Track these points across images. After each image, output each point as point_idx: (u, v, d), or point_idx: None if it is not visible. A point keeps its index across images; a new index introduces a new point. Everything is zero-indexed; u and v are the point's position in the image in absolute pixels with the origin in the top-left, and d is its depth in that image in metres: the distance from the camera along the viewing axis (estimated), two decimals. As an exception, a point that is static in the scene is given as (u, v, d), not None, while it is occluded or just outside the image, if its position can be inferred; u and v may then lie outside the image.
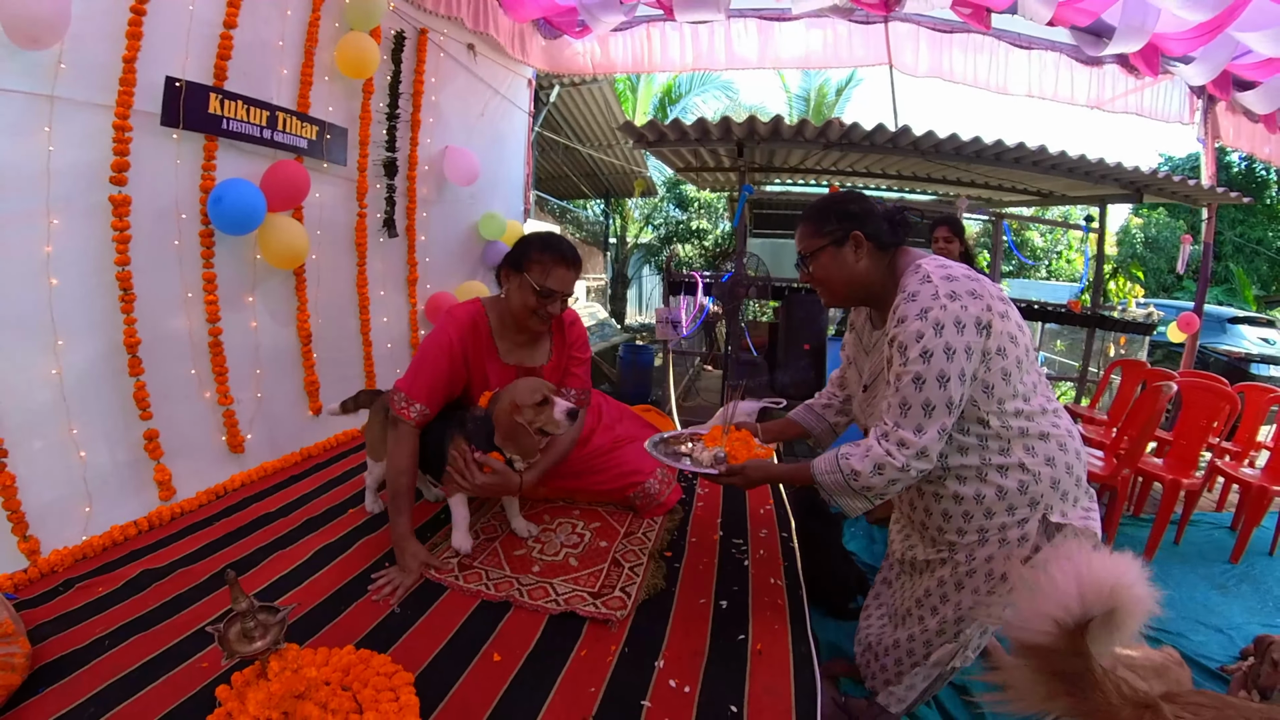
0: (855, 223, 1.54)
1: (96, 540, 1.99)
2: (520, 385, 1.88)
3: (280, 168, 2.58)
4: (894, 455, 1.37)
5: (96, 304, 2.13)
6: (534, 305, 1.93)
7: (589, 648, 1.53)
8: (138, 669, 1.41)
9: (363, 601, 1.69)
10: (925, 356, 1.34)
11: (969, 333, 1.34)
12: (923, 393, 1.34)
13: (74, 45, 1.98)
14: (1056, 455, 1.46)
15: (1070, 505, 1.48)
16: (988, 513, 1.47)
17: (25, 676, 1.35)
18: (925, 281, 1.40)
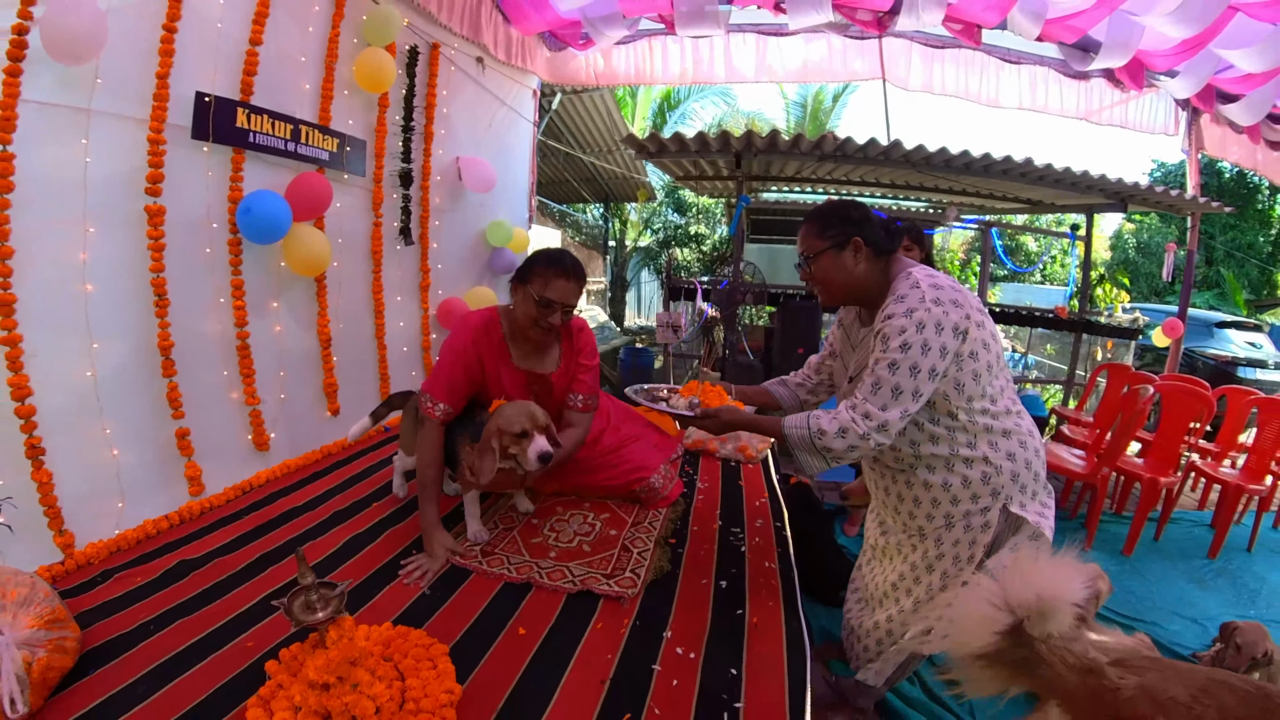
0: (856, 229, 1.67)
1: (130, 534, 2.06)
2: (511, 410, 1.95)
3: (304, 179, 2.70)
4: (858, 423, 1.52)
5: (129, 309, 2.22)
6: (535, 315, 2.05)
7: (604, 622, 1.68)
8: (185, 649, 1.50)
9: (394, 585, 1.82)
10: (904, 348, 1.49)
11: (946, 335, 1.49)
12: (895, 378, 1.50)
13: (109, 61, 2.06)
14: (1017, 451, 1.62)
15: (1029, 498, 1.64)
16: (954, 500, 1.63)
17: (76, 659, 1.43)
18: (915, 287, 1.55)
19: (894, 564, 1.83)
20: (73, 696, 1.35)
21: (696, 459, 3.06)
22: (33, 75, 1.89)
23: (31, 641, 1.34)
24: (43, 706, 1.31)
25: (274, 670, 1.37)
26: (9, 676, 1.25)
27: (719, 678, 1.48)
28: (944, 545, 1.68)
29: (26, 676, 1.29)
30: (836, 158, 4.55)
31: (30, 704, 1.27)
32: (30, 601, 1.42)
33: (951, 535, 1.66)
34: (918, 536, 1.74)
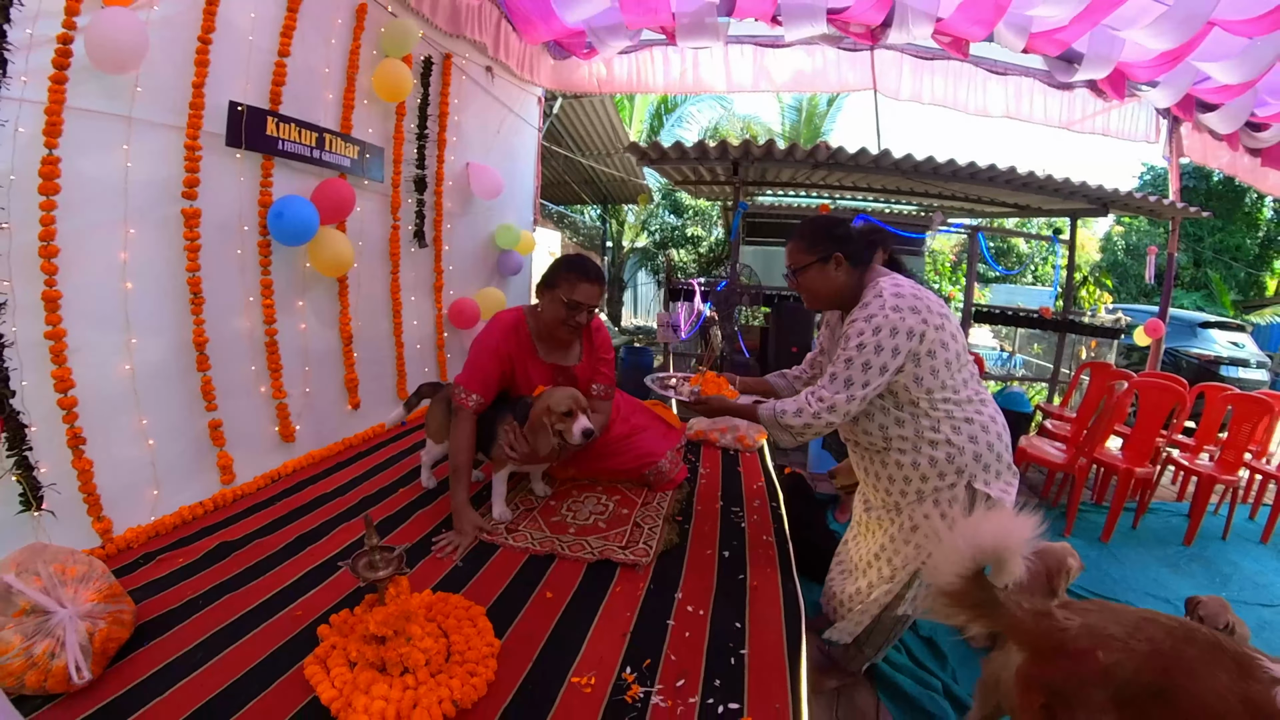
0: (838, 245, 1.88)
1: (167, 519, 2.18)
2: (559, 393, 2.24)
3: (329, 185, 2.85)
4: (810, 404, 1.79)
5: (166, 306, 2.33)
6: (563, 316, 2.31)
7: (622, 585, 1.90)
8: (236, 620, 1.63)
9: (428, 560, 2.00)
10: (860, 347, 1.73)
11: (900, 338, 1.71)
12: (848, 370, 1.74)
13: (148, 71, 2.15)
14: (979, 435, 1.81)
15: (993, 477, 1.84)
16: (923, 478, 1.84)
17: (132, 631, 1.54)
18: (878, 296, 1.77)
19: (876, 537, 2.02)
20: (132, 665, 1.46)
21: (698, 448, 3.27)
22: (77, 84, 1.98)
23: (92, 614, 1.45)
24: (103, 674, 1.42)
25: (326, 633, 1.52)
26: (74, 647, 1.36)
27: (725, 629, 1.69)
28: (917, 518, 1.87)
29: (90, 646, 1.40)
30: (829, 165, 4.72)
31: (93, 672, 1.38)
32: (88, 578, 1.53)
33: (923, 509, 1.86)
34: (894, 511, 1.94)
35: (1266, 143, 5.41)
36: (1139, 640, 1.45)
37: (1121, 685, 1.42)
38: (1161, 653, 1.42)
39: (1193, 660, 1.40)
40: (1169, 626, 1.47)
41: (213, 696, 1.37)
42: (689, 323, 5.36)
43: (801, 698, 1.44)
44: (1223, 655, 1.39)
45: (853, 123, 32.82)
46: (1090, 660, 1.44)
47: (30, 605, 1.38)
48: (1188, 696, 1.37)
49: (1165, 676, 1.40)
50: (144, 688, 1.39)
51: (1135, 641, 1.45)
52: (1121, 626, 1.48)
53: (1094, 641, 1.46)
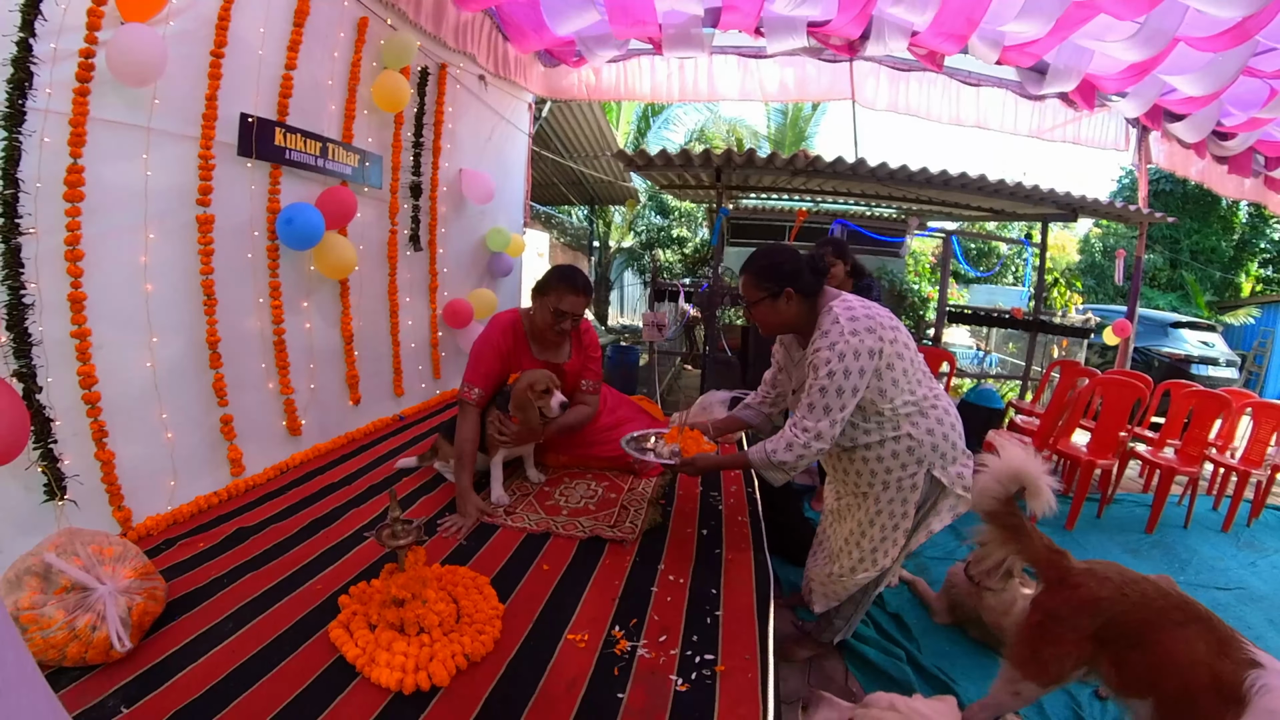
0: (788, 281, 1.99)
1: (185, 508, 2.31)
2: (535, 374, 2.52)
3: (333, 192, 3.00)
4: (799, 437, 1.91)
5: (184, 307, 2.46)
6: (551, 322, 2.58)
7: (611, 558, 2.12)
8: (261, 595, 1.78)
9: (435, 539, 2.18)
10: (830, 375, 1.86)
11: (863, 359, 1.85)
12: (824, 399, 1.87)
13: (165, 84, 2.26)
14: (935, 427, 2.00)
15: (950, 463, 2.03)
16: (888, 469, 2.02)
17: (164, 606, 1.67)
18: (835, 323, 1.90)
19: (846, 523, 2.21)
20: (166, 636, 1.60)
21: None
22: (99, 96, 2.09)
23: (130, 590, 1.58)
24: (139, 645, 1.55)
25: (347, 602, 1.68)
26: (114, 619, 1.49)
27: (703, 594, 1.91)
28: (881, 503, 2.06)
29: (129, 619, 1.53)
30: (809, 173, 4.91)
31: (131, 642, 1.51)
32: (125, 558, 1.67)
33: (887, 495, 2.05)
34: (861, 498, 2.12)
35: (1233, 151, 5.65)
36: (1132, 591, 1.68)
37: (1107, 622, 1.67)
38: (1150, 608, 1.63)
39: (1176, 625, 1.58)
40: (1165, 591, 1.68)
41: (246, 659, 1.52)
42: (673, 322, 5.55)
43: (769, 650, 1.63)
44: (1207, 630, 1.55)
45: (837, 127, 33.22)
46: (1083, 591, 1.71)
47: (71, 583, 1.50)
48: (1162, 653, 1.56)
49: (1147, 630, 1.60)
50: (180, 655, 1.53)
51: (1129, 590, 1.68)
52: (1122, 577, 1.73)
53: (1092, 580, 1.73)
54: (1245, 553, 4.05)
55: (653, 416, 3.13)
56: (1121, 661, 1.65)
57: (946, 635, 2.73)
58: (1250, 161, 5.92)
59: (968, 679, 2.41)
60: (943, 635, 2.73)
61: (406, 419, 3.65)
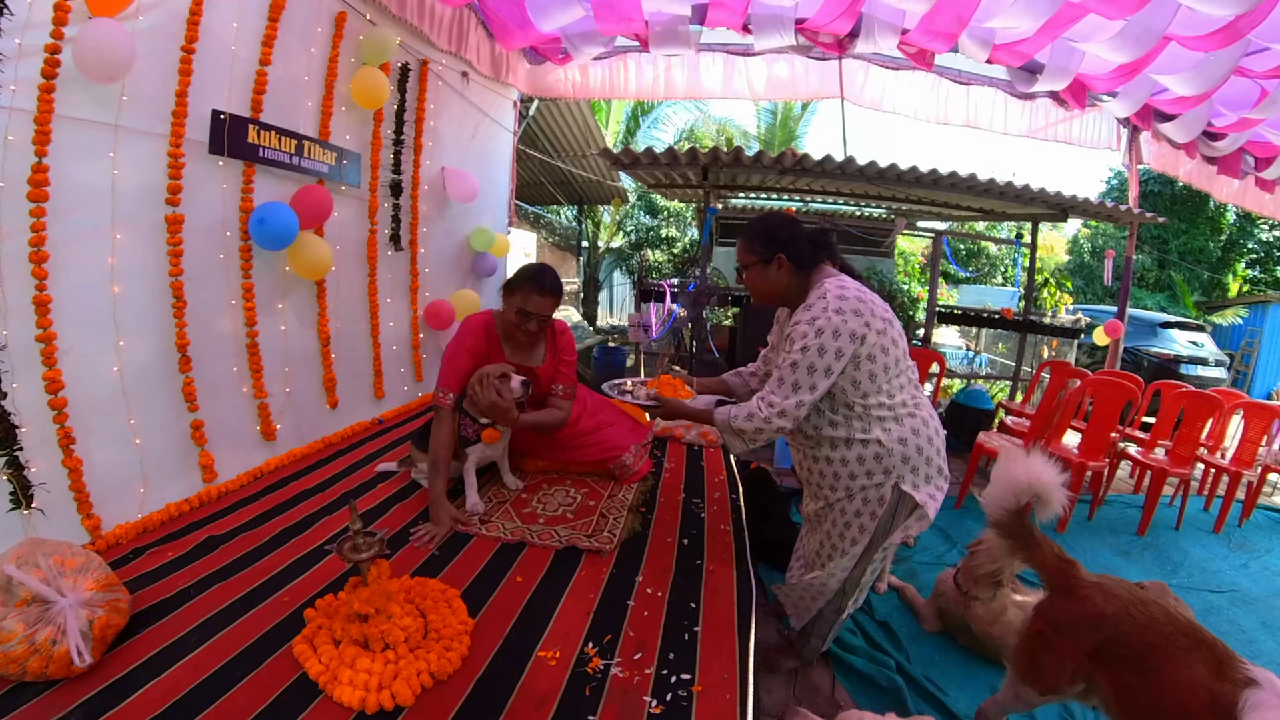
0: (780, 247, 1.93)
1: (155, 515, 2.25)
2: (490, 366, 2.45)
3: (307, 191, 2.93)
4: (760, 409, 1.81)
5: (153, 309, 2.39)
6: (516, 321, 2.49)
7: (587, 570, 2.04)
8: (227, 607, 1.73)
9: (407, 548, 2.12)
10: (804, 350, 1.76)
11: (842, 340, 1.74)
12: (794, 374, 1.77)
13: (134, 80, 2.20)
14: (909, 438, 1.86)
15: (922, 480, 1.88)
16: (851, 475, 1.90)
17: (128, 619, 1.62)
18: (821, 299, 1.80)
19: (816, 535, 2.10)
20: (130, 650, 1.56)
21: (664, 444, 3.42)
22: (66, 93, 2.03)
23: (92, 602, 1.53)
24: (102, 659, 1.50)
25: (312, 616, 1.63)
26: (74, 633, 1.44)
27: (681, 609, 1.84)
28: (847, 515, 1.95)
29: (90, 633, 1.48)
30: (797, 171, 4.87)
31: (93, 656, 1.46)
32: (87, 569, 1.62)
33: (852, 506, 1.93)
34: (827, 507, 2.00)
35: (1222, 152, 5.63)
36: (1139, 611, 1.63)
37: (1108, 640, 1.63)
38: (1156, 631, 1.58)
39: (1180, 648, 1.53)
40: (1173, 616, 1.62)
41: (209, 675, 1.47)
42: (660, 323, 5.49)
43: (749, 669, 1.57)
44: (1208, 652, 1.52)
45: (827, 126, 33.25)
46: (1087, 605, 1.67)
47: (32, 595, 1.46)
48: (1163, 678, 1.52)
49: (1151, 655, 1.56)
50: (143, 670, 1.48)
51: (1135, 610, 1.63)
52: (1131, 596, 1.68)
53: (1099, 595, 1.69)
54: (1237, 554, 4.04)
55: (635, 420, 3.06)
56: (1120, 685, 1.61)
57: (935, 643, 2.68)
58: (1240, 162, 5.90)
59: (957, 688, 2.37)
60: (931, 643, 2.68)
61: (386, 422, 3.58)
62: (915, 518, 1.94)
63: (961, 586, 2.62)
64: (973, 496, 4.36)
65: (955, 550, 3.56)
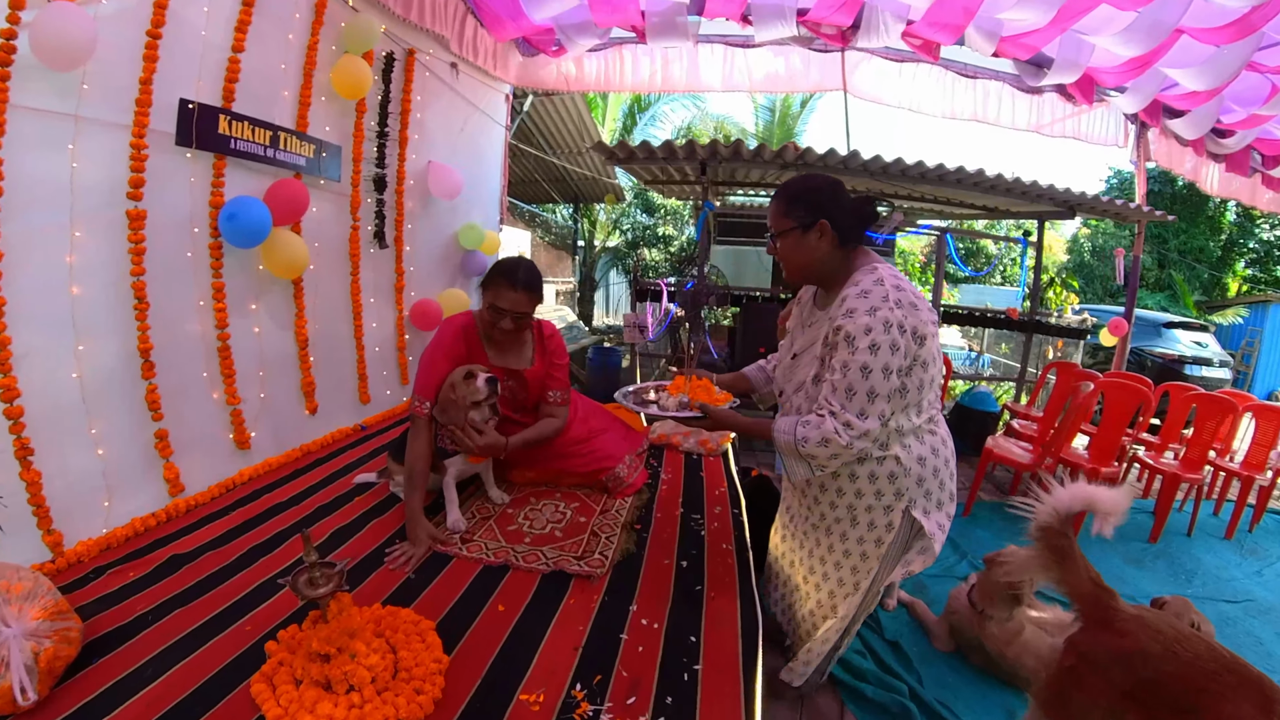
0: (823, 213, 1.65)
1: (119, 531, 2.12)
2: (456, 371, 2.28)
3: (283, 185, 2.77)
4: (840, 434, 1.53)
5: (115, 311, 2.25)
6: (490, 320, 2.34)
7: (576, 597, 1.85)
8: (185, 636, 1.59)
9: (381, 571, 1.95)
10: (873, 349, 1.50)
11: (908, 338, 1.52)
12: (869, 381, 1.51)
13: (96, 67, 2.08)
14: (928, 458, 1.68)
15: (934, 506, 1.70)
16: (858, 493, 1.71)
17: (80, 649, 1.49)
18: (879, 284, 1.56)
19: (801, 558, 1.92)
20: (80, 684, 1.42)
21: (661, 452, 3.23)
22: (21, 81, 1.91)
23: (38, 633, 1.40)
24: (50, 694, 1.37)
25: (274, 649, 1.47)
26: (18, 667, 1.32)
27: (679, 644, 1.65)
28: (848, 542, 1.76)
29: (35, 666, 1.35)
30: (798, 166, 4.72)
31: (39, 692, 1.33)
32: (34, 595, 1.49)
33: (855, 532, 1.74)
34: (822, 531, 1.80)
35: (1231, 149, 5.54)
36: (1184, 649, 1.48)
37: (1146, 681, 1.47)
38: (1200, 670, 1.44)
39: (1226, 687, 1.40)
40: (1218, 651, 1.48)
41: (160, 716, 1.33)
42: (656, 323, 5.34)
43: (755, 713, 1.41)
44: (1255, 690, 1.40)
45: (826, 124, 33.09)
46: (1128, 641, 1.52)
47: (-29, 626, 1.32)
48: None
49: (1195, 695, 1.42)
50: (92, 707, 1.36)
51: (1180, 648, 1.48)
52: (1175, 632, 1.52)
53: (1139, 629, 1.53)
54: (1249, 561, 3.93)
55: (629, 426, 2.89)
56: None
57: (948, 663, 2.54)
58: (1248, 160, 5.81)
59: (971, 712, 2.24)
60: (944, 663, 2.54)
61: (369, 429, 3.42)
62: (918, 550, 1.75)
63: (977, 604, 2.49)
64: (983, 504, 4.24)
65: (966, 562, 3.42)
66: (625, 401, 2.04)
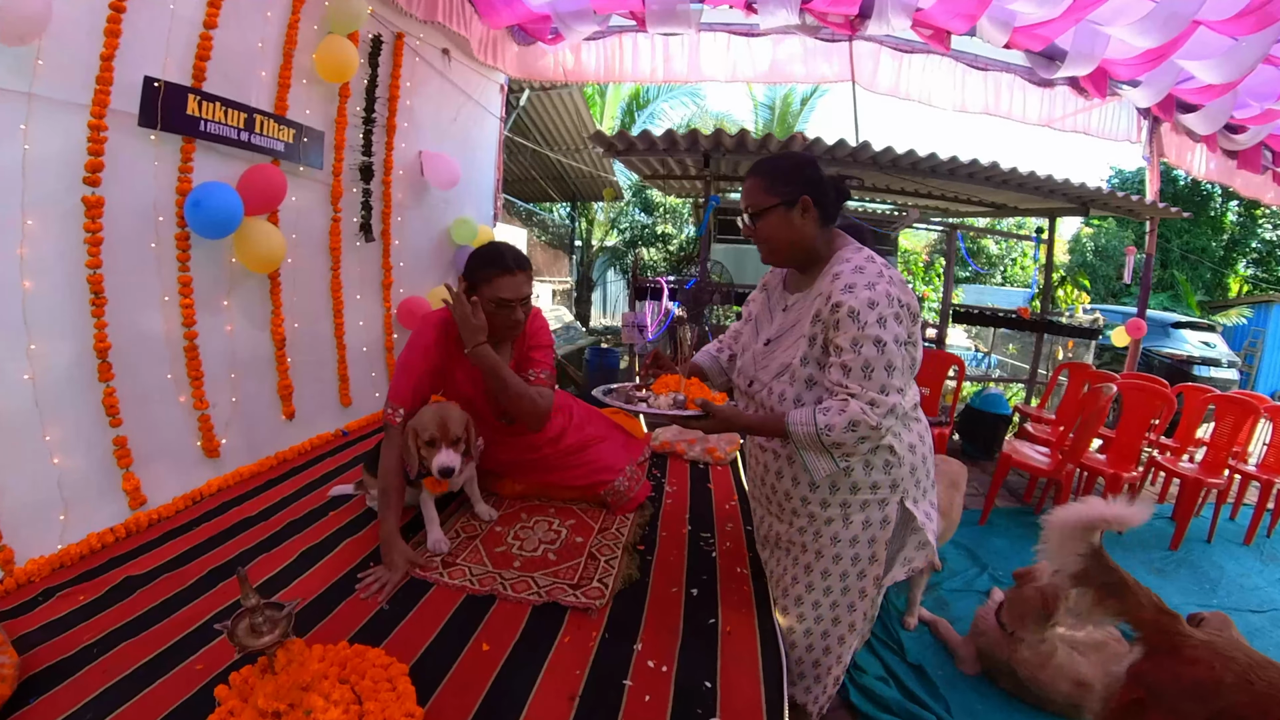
0: (808, 188, 1.56)
1: (74, 548, 1.93)
2: (425, 416, 1.96)
3: (257, 171, 2.57)
4: (868, 414, 1.40)
5: (71, 307, 2.07)
6: (498, 317, 2.06)
7: (572, 634, 1.61)
8: (131, 673, 1.40)
9: (351, 600, 1.72)
10: (881, 322, 1.41)
11: (905, 322, 1.45)
12: (884, 355, 1.41)
13: (52, 42, 1.93)
14: (917, 445, 1.60)
15: (921, 495, 1.61)
16: (853, 488, 1.56)
17: (15, 687, 1.32)
18: (870, 261, 1.50)
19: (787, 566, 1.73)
20: None
21: (664, 460, 3.00)
22: None
23: None
24: None
25: (224, 696, 1.27)
26: None
27: (692, 691, 1.43)
28: (841, 545, 1.60)
29: None
30: (806, 158, 4.53)
31: None
32: None
33: (849, 532, 1.59)
34: (810, 534, 1.65)
35: (1243, 145, 5.43)
36: (1260, 677, 1.38)
37: (1221, 713, 1.37)
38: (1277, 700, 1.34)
39: None
40: None
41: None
42: (656, 323, 5.15)
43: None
44: None
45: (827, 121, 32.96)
46: (1199, 670, 1.42)
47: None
48: None
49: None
50: None
51: (1255, 676, 1.38)
52: (1249, 659, 1.42)
53: (1213, 657, 1.43)
54: (1271, 567, 3.85)
55: (629, 433, 2.67)
56: None
57: (975, 689, 2.37)
58: (1260, 156, 5.68)
59: (1003, 744, 2.06)
60: (971, 689, 2.37)
61: (351, 434, 3.20)
62: (916, 545, 1.64)
63: (1007, 626, 2.32)
64: (999, 511, 4.09)
65: (986, 574, 3.26)
66: (609, 400, 1.80)
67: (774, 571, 1.81)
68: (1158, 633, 1.52)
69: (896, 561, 1.65)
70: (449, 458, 1.90)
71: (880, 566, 1.61)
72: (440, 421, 1.93)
